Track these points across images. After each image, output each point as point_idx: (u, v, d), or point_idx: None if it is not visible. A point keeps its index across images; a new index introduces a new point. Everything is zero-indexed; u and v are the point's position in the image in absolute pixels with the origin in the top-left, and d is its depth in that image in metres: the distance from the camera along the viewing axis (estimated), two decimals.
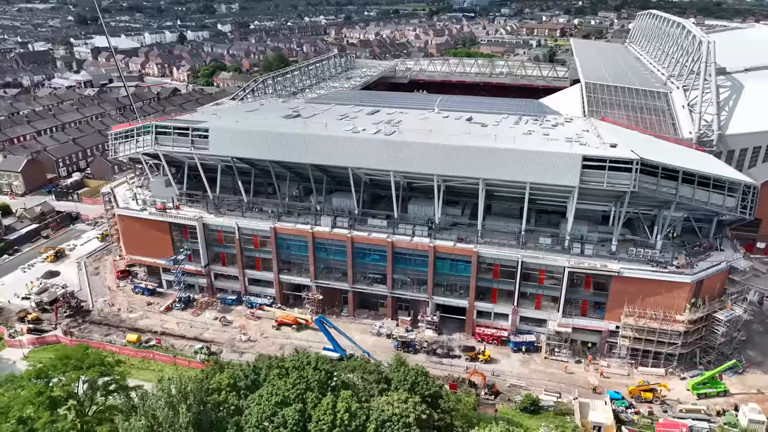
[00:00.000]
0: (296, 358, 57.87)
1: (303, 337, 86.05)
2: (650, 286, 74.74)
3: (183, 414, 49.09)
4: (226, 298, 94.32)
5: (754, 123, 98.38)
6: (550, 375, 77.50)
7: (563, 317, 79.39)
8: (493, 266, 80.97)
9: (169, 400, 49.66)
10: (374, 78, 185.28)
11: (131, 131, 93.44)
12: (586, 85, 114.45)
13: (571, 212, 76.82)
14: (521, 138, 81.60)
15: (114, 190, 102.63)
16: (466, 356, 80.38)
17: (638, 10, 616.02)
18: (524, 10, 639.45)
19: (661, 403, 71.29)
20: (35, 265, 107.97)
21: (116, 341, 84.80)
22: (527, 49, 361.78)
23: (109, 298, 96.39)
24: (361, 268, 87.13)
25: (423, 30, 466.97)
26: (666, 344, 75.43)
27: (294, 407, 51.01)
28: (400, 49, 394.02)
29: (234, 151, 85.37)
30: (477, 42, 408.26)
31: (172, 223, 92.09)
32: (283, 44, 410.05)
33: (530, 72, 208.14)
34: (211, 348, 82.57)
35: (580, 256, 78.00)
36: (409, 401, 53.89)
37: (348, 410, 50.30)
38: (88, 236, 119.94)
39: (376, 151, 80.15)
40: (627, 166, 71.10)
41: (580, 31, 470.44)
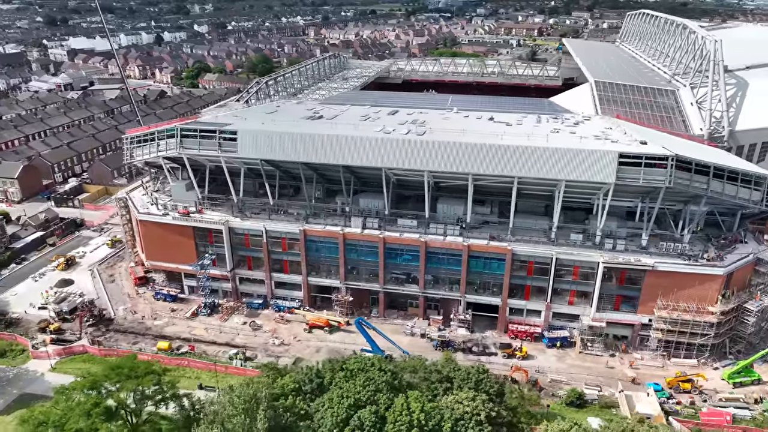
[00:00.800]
0: (359, 359, 57.73)
1: (337, 339, 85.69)
2: (683, 279, 76.68)
3: (261, 420, 48.48)
4: (252, 303, 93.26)
5: (762, 119, 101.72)
6: (587, 369, 78.86)
7: (597, 312, 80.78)
8: (527, 263, 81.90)
9: (245, 407, 48.94)
10: (371, 78, 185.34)
11: (151, 135, 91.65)
12: (596, 83, 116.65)
13: (605, 209, 78.24)
14: (552, 136, 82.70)
15: (130, 195, 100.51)
16: (502, 353, 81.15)
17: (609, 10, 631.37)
18: (499, 10, 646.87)
19: (699, 393, 73.19)
20: (46, 274, 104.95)
21: (146, 349, 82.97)
22: (509, 49, 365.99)
23: (130, 306, 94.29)
24: (392, 269, 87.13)
25: (403, 30, 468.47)
26: (698, 335, 77.45)
27: (369, 409, 50.89)
28: (382, 49, 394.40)
29: (263, 153, 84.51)
30: (458, 42, 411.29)
31: (197, 227, 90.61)
32: (263, 45, 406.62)
33: (521, 71, 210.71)
34: (246, 353, 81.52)
35: (613, 252, 79.55)
36: (477, 399, 54.27)
37: (423, 410, 50.40)
38: (96, 243, 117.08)
39: (411, 151, 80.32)
40: (662, 162, 72.82)
41: (557, 30, 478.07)
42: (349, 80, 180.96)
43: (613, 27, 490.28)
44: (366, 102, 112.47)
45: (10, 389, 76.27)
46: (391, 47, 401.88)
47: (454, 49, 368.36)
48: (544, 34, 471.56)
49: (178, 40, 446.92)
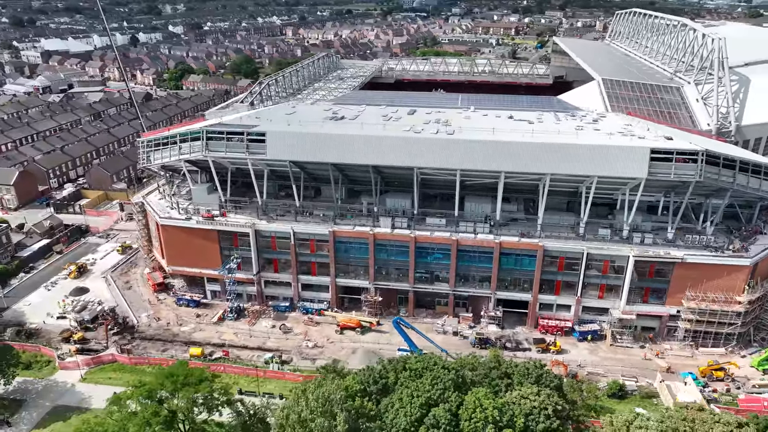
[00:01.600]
0: (421, 359, 57.89)
1: (370, 340, 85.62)
2: (711, 271, 78.94)
3: (341, 423, 48.23)
4: (279, 306, 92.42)
5: (767, 114, 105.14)
6: (620, 361, 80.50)
7: (627, 305, 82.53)
8: (558, 259, 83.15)
9: (323, 409, 48.63)
10: (367, 78, 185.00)
11: (172, 137, 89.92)
12: (604, 81, 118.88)
13: (634, 203, 80.00)
14: (579, 133, 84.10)
15: (147, 199, 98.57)
16: (537, 348, 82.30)
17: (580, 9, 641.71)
18: (473, 10, 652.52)
19: (732, 381, 75.49)
20: (58, 283, 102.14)
21: (177, 356, 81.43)
22: (491, 48, 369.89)
23: (152, 313, 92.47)
24: (422, 267, 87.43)
25: (381, 30, 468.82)
26: (726, 325, 79.85)
27: (443, 407, 51.12)
28: (363, 48, 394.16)
29: (292, 155, 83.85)
30: (439, 42, 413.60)
31: (222, 231, 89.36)
32: (242, 45, 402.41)
33: (511, 70, 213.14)
34: (282, 356, 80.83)
35: (642, 246, 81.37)
36: (542, 393, 55.01)
37: (495, 406, 50.86)
38: (105, 249, 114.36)
39: (444, 150, 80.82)
40: (693, 157, 74.87)
41: (533, 29, 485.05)
42: (345, 80, 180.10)
43: (587, 26, 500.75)
44: (380, 102, 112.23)
45: (42, 402, 74.09)
46: (372, 47, 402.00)
47: (436, 49, 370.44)
48: (521, 33, 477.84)
49: (153, 41, 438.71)
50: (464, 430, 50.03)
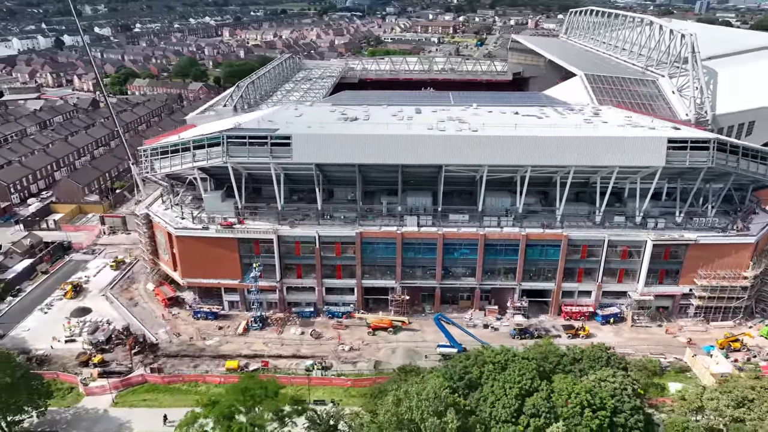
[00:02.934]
0: (499, 351, 59.02)
1: (405, 339, 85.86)
2: (720, 250, 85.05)
3: (452, 421, 48.53)
4: (303, 312, 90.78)
5: (738, 103, 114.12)
6: (644, 340, 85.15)
7: (645, 287, 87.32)
8: (581, 247, 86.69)
9: (435, 409, 48.75)
10: (337, 79, 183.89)
11: (183, 145, 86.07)
12: (586, 76, 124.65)
13: (650, 191, 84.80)
14: (592, 126, 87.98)
15: (152, 210, 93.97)
16: (567, 334, 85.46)
17: (509, 7, 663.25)
18: (407, 9, 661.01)
19: (747, 350, 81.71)
20: (54, 304, 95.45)
21: (213, 371, 78.48)
22: (437, 47, 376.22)
23: (169, 328, 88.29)
24: (449, 264, 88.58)
25: (322, 29, 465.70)
26: (734, 299, 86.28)
27: (539, 395, 52.53)
28: (307, 48, 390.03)
29: (319, 157, 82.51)
30: (382, 41, 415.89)
31: (242, 239, 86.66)
32: (180, 47, 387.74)
33: (470, 67, 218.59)
34: (324, 362, 79.59)
35: (657, 230, 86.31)
36: (617, 375, 57.63)
37: (588, 391, 52.86)
38: (95, 266, 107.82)
39: (471, 147, 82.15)
40: (705, 145, 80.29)
41: (470, 28, 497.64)
42: (314, 81, 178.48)
43: (520, 23, 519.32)
44: (378, 101, 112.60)
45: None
46: (316, 47, 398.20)
47: (381, 48, 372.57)
48: (458, 31, 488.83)
49: (80, 44, 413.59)
50: (562, 416, 51.61)
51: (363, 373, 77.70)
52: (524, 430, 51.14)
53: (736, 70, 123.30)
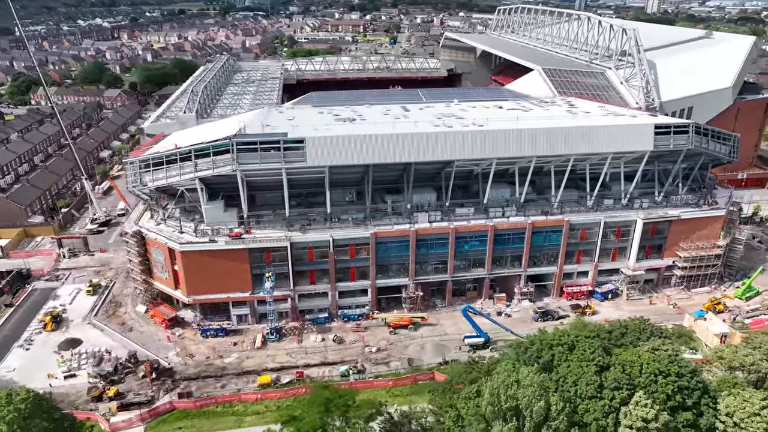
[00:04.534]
0: (562, 333, 61.87)
1: (428, 334, 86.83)
2: (698, 223, 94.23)
3: (558, 403, 50.54)
4: (318, 318, 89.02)
5: (679, 90, 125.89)
6: (641, 311, 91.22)
7: (636, 262, 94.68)
8: (580, 231, 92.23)
9: (539, 394, 50.46)
10: (281, 80, 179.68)
11: (183, 155, 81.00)
12: (545, 70, 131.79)
13: (638, 174, 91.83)
14: (588, 116, 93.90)
15: (144, 226, 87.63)
16: (575, 313, 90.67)
17: (410, 6, 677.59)
18: (311, 8, 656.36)
19: (729, 311, 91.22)
20: (34, 339, 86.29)
21: (245, 388, 75.03)
22: (356, 45, 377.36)
23: (179, 350, 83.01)
24: (460, 256, 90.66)
25: (230, 30, 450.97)
26: (710, 267, 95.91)
27: (615, 369, 55.98)
28: (218, 50, 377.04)
29: (332, 159, 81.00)
30: (297, 41, 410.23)
31: (253, 249, 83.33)
32: (77, 51, 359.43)
33: (404, 65, 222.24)
34: (358, 366, 78.65)
35: (644, 210, 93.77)
36: (666, 343, 62.74)
37: (657, 360, 57.13)
38: (67, 292, 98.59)
39: (481, 141, 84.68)
40: (685, 129, 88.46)
41: (378, 26, 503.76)
42: (257, 83, 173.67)
43: (426, 21, 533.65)
44: (355, 101, 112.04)
45: None
46: (227, 48, 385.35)
47: (298, 48, 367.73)
48: (368, 30, 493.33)
49: None
50: (640, 385, 55.39)
51: (400, 372, 77.84)
52: (610, 402, 54.28)
53: (669, 61, 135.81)
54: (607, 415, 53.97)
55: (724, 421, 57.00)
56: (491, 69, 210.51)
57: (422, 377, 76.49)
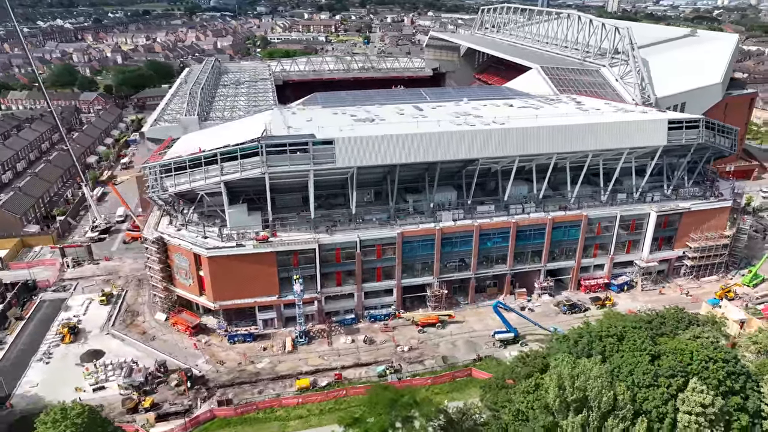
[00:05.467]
0: (609, 324, 63.26)
1: (455, 332, 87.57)
2: (706, 215, 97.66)
3: (625, 391, 51.79)
4: (345, 319, 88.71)
5: (673, 86, 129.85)
6: (657, 300, 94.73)
7: (649, 254, 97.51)
8: (596, 225, 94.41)
9: (608, 382, 51.69)
10: (270, 81, 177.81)
11: (207, 158, 79.49)
12: (543, 69, 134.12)
13: (649, 169, 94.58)
14: (601, 113, 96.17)
15: (164, 233, 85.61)
16: (596, 305, 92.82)
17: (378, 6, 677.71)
18: (278, 8, 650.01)
19: (739, 298, 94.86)
20: (53, 352, 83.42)
21: (284, 393, 74.28)
22: (332, 46, 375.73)
23: (208, 358, 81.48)
24: (483, 253, 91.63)
25: (200, 31, 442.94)
26: (718, 256, 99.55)
27: (669, 358, 57.66)
28: (189, 51, 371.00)
29: (362, 159, 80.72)
30: (270, 41, 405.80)
31: (280, 252, 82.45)
32: (42, 54, 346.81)
33: (389, 65, 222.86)
34: (394, 366, 78.72)
35: (654, 203, 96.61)
36: (706, 331, 64.96)
37: (706, 347, 59.12)
38: (78, 303, 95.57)
39: (506, 139, 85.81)
40: (696, 124, 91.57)
41: (351, 26, 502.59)
42: (248, 84, 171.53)
43: (396, 21, 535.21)
44: (363, 102, 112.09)
45: None
46: (198, 49, 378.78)
47: (273, 48, 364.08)
48: (339, 30, 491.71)
49: None
50: (693, 371, 57.20)
51: (436, 370, 78.31)
52: (667, 389, 55.90)
53: (659, 58, 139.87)
54: (666, 402, 55.48)
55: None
56: (474, 68, 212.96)
57: (459, 374, 77.16)
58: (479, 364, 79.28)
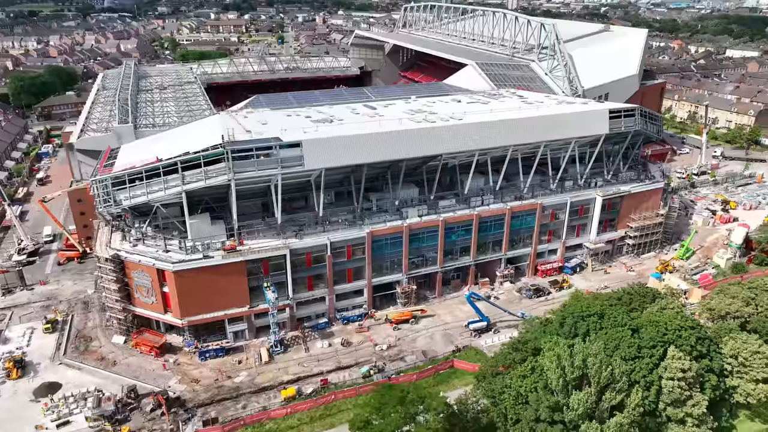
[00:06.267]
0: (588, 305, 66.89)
1: (429, 325, 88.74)
2: (643, 196, 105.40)
3: (619, 366, 55.05)
4: (318, 324, 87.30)
5: (596, 79, 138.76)
6: (608, 278, 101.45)
7: (597, 236, 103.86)
8: (550, 212, 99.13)
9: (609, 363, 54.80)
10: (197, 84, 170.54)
11: (165, 167, 75.23)
12: (479, 65, 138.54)
13: (593, 156, 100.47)
14: (555, 105, 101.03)
15: (120, 250, 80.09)
16: (555, 288, 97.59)
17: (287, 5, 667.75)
18: (180, 8, 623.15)
19: (677, 271, 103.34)
20: (1, 391, 75.54)
21: (271, 405, 72.01)
22: (249, 47, 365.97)
23: (181, 377, 77.34)
24: (449, 247, 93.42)
25: (99, 34, 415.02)
26: (654, 234, 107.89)
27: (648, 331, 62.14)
28: (90, 55, 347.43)
29: (328, 161, 79.65)
30: (179, 43, 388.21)
31: (250, 260, 79.76)
32: None
33: (314, 65, 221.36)
34: (378, 365, 78.56)
35: (599, 188, 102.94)
36: (671, 303, 70.47)
37: (677, 318, 64.21)
38: (18, 334, 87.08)
39: (467, 134, 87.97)
40: (633, 113, 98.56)
41: (262, 26, 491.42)
42: (175, 89, 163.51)
43: (308, 20, 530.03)
44: (309, 102, 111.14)
45: None
46: (101, 52, 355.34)
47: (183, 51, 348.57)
48: (250, 30, 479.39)
49: None
50: (669, 340, 61.89)
51: (419, 366, 79.10)
52: (650, 359, 60.12)
53: (581, 52, 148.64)
54: (651, 371, 59.69)
55: (730, 362, 65.44)
56: (399, 66, 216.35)
57: (442, 367, 78.40)
58: (459, 354, 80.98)
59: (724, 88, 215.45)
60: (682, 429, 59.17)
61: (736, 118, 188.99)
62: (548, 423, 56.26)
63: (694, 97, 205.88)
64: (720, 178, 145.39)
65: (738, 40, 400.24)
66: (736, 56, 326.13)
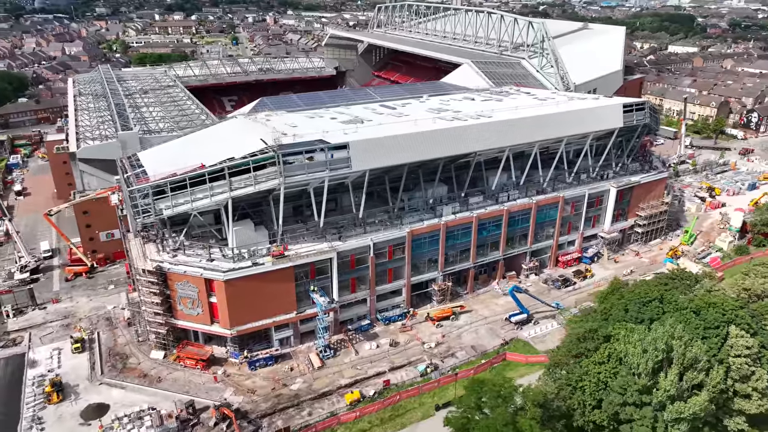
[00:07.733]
0: (645, 290, 69.81)
1: (470, 320, 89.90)
2: (651, 186, 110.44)
3: (700, 348, 57.97)
4: (361, 326, 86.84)
5: (585, 74, 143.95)
6: (623, 266, 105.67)
7: (611, 225, 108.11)
8: (571, 204, 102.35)
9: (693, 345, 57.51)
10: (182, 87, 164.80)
11: (211, 174, 72.87)
12: (475, 63, 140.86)
13: (608, 149, 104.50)
14: (558, 102, 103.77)
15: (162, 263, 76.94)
16: (579, 279, 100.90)
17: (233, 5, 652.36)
18: (120, 9, 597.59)
19: (683, 255, 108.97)
20: (44, 417, 71.30)
21: (339, 411, 71.23)
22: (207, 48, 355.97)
23: (235, 389, 75.21)
24: (481, 242, 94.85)
25: (39, 36, 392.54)
26: (660, 222, 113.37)
27: (710, 311, 65.60)
28: (35, 59, 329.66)
29: (374, 162, 79.24)
30: (131, 45, 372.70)
31: (298, 266, 78.47)
32: None
33: (288, 65, 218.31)
34: (433, 363, 79.05)
35: (612, 179, 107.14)
36: (715, 287, 74.63)
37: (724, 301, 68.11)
38: (43, 355, 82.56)
39: (500, 131, 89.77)
40: (643, 106, 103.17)
41: (213, 27, 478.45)
42: (153, 94, 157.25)
43: (258, 20, 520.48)
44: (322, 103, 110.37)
45: None
46: (45, 56, 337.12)
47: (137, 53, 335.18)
48: (201, 31, 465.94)
49: None
50: (729, 320, 65.53)
51: (473, 361, 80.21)
52: (716, 339, 63.52)
53: (566, 50, 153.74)
54: (719, 350, 63.09)
55: None
56: (372, 66, 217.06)
57: (496, 360, 79.84)
58: (508, 347, 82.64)
59: (682, 81, 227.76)
60: (748, 402, 62.75)
61: (699, 109, 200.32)
62: (635, 405, 58.50)
63: (658, 91, 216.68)
64: (699, 166, 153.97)
65: (675, 37, 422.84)
66: (680, 52, 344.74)
